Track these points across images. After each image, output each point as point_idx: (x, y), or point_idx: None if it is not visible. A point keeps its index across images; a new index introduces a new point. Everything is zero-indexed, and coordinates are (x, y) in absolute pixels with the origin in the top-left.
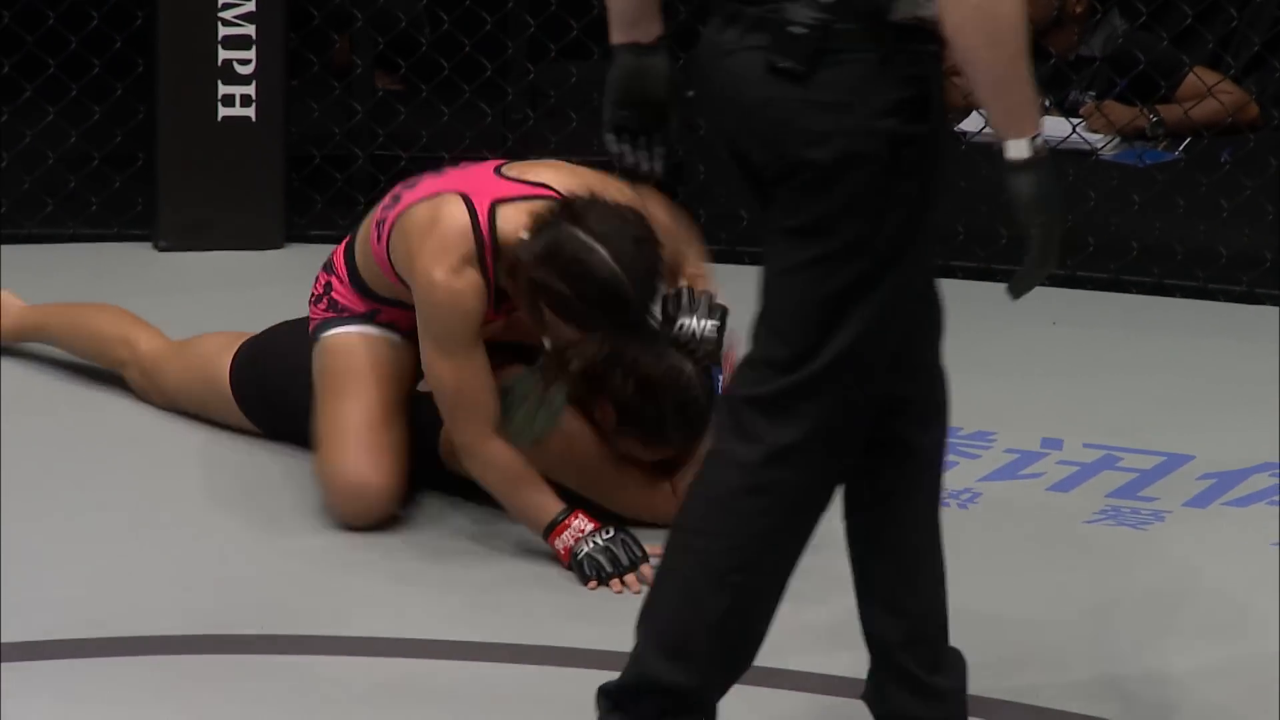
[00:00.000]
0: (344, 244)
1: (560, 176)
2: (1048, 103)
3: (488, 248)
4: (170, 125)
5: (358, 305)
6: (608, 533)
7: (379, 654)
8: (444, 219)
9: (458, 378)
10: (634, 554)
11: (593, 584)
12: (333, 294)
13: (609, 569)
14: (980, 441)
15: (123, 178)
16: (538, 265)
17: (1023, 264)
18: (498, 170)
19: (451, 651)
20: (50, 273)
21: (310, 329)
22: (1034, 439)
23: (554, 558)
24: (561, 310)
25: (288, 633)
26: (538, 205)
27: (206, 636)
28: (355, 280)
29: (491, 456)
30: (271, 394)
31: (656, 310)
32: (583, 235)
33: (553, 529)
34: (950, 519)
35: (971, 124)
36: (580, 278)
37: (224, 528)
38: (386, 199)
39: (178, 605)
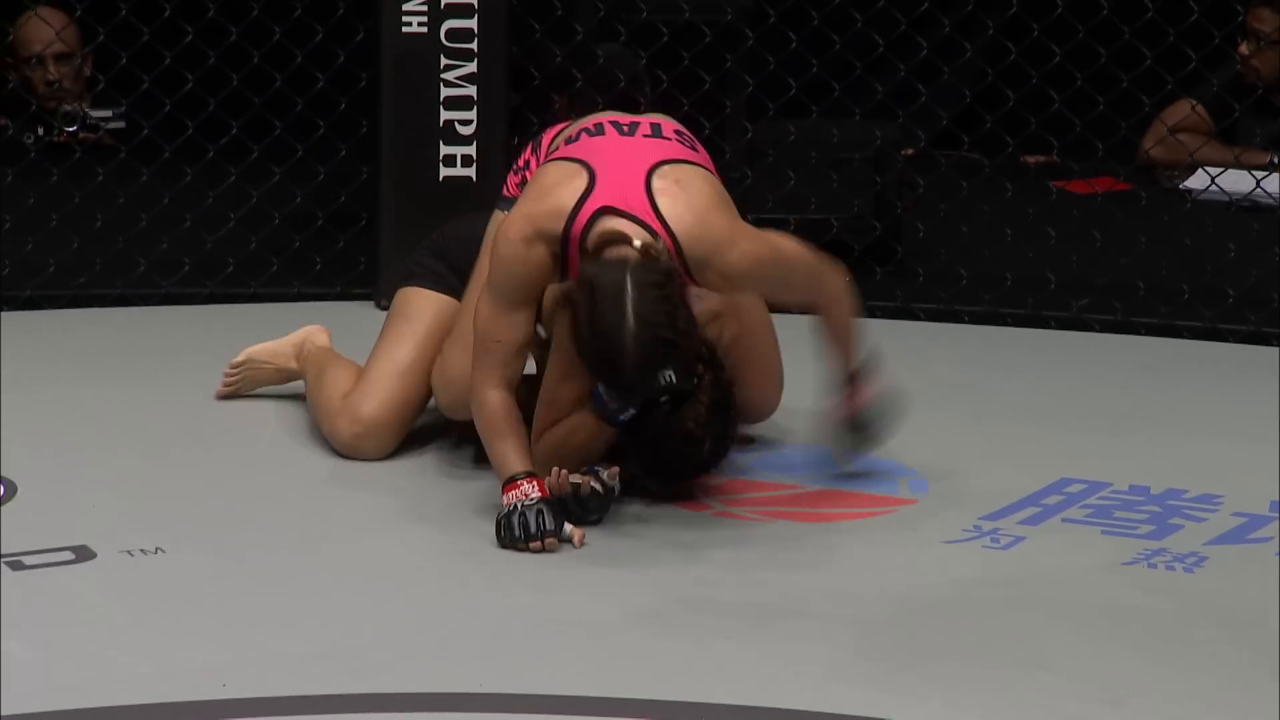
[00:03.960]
0: (556, 130)
1: (685, 214)
2: (1276, 159)
3: (573, 241)
4: (393, 185)
5: None
6: (536, 501)
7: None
8: (556, 191)
9: (491, 323)
10: (543, 525)
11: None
12: (527, 173)
13: (518, 534)
14: (1207, 504)
15: (346, 237)
16: (579, 288)
17: None
18: (651, 169)
19: (654, 711)
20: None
21: (501, 195)
22: (1263, 503)
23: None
24: (574, 337)
25: (508, 691)
26: (627, 231)
27: (424, 695)
28: None
29: (486, 401)
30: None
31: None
32: (630, 292)
33: (507, 484)
34: (1176, 582)
35: (1197, 181)
36: (597, 324)
37: (427, 584)
38: (590, 123)
39: (396, 662)
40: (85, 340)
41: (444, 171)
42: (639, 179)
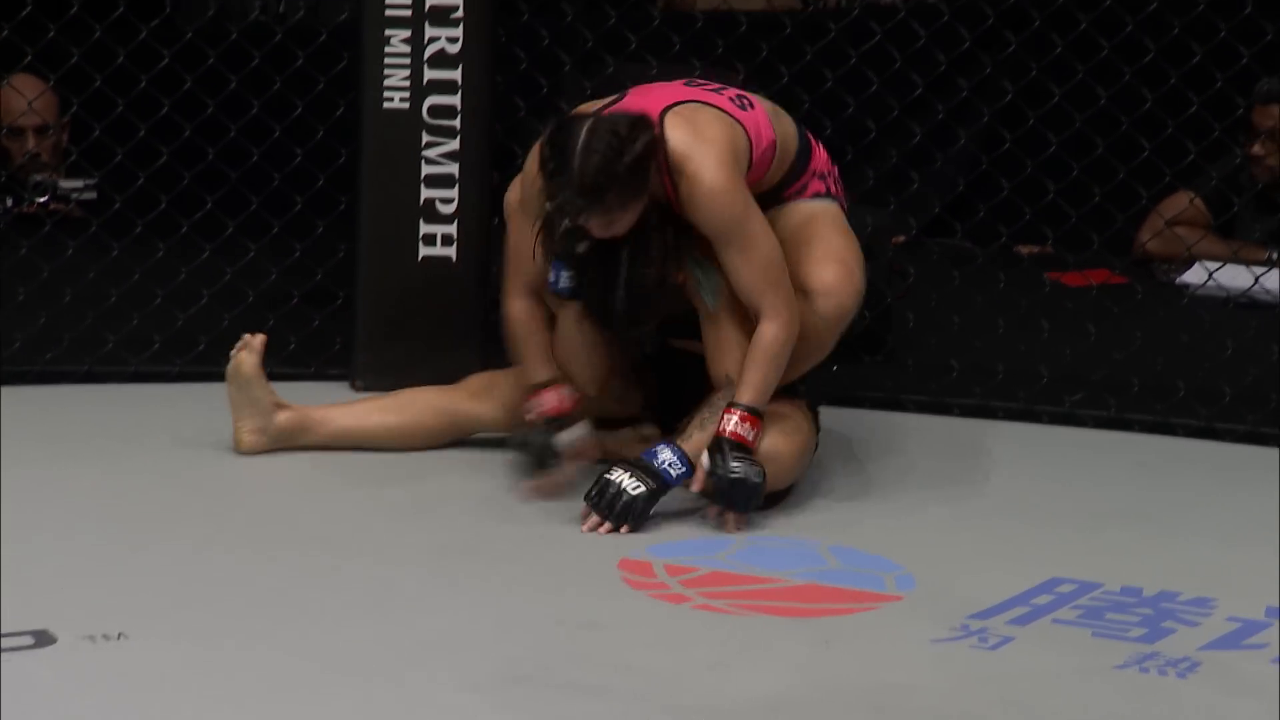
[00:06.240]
0: None
1: (683, 135)
2: (1275, 255)
3: None
4: (371, 264)
5: None
6: (550, 428)
7: None
8: None
9: (520, 237)
10: (548, 458)
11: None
12: None
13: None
14: (1200, 608)
15: (322, 316)
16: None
17: None
18: (671, 105)
19: None
20: None
21: None
22: (1258, 607)
23: None
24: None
25: None
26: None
27: None
28: None
29: (511, 312)
30: None
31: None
32: (588, 123)
33: (530, 391)
34: (1168, 688)
35: (1194, 276)
36: (556, 133)
37: (398, 677)
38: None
39: None
40: (51, 418)
41: (423, 250)
42: (656, 110)
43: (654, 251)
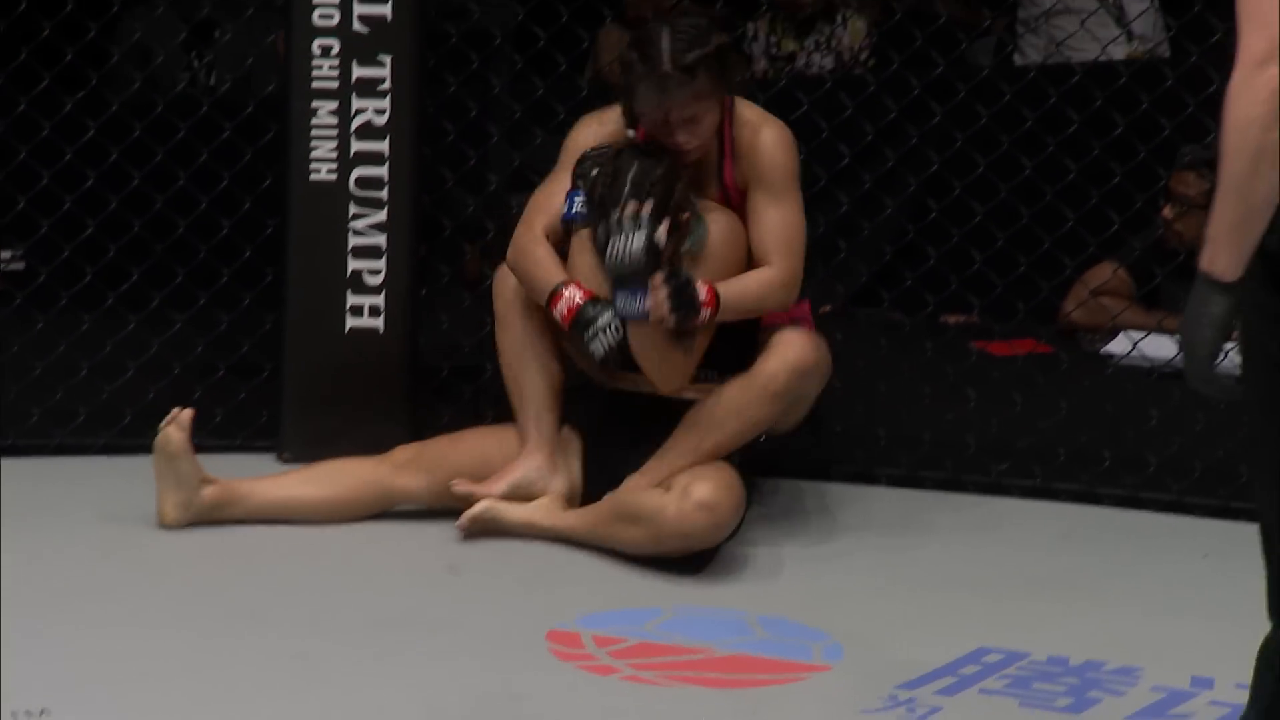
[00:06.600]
0: None
1: (753, 109)
2: None
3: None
4: (298, 335)
5: None
6: (596, 309)
7: None
8: None
9: (544, 191)
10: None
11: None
12: None
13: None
14: (1126, 677)
15: (248, 388)
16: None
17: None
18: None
19: None
20: None
21: None
22: (1184, 677)
23: None
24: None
25: None
26: None
27: None
28: None
29: (520, 242)
30: None
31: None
32: (667, 21)
33: (551, 298)
34: None
35: (1118, 346)
36: (636, 38)
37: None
38: None
39: None
40: None
41: (350, 322)
42: None
43: (662, 166)
